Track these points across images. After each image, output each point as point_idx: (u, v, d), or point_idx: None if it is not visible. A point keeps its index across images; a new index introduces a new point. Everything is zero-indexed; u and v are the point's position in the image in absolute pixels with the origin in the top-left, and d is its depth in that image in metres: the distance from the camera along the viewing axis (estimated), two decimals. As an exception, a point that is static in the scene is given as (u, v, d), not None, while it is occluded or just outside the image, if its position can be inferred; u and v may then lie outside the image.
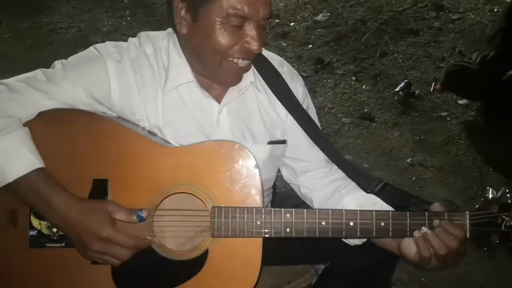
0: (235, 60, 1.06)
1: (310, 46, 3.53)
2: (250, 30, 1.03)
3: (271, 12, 1.06)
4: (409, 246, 1.05)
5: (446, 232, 1.00)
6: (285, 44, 3.53)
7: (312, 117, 1.24)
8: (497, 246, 1.02)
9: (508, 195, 1.01)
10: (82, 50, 1.15)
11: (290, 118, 1.22)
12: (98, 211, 1.00)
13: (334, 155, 1.23)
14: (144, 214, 1.01)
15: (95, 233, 0.98)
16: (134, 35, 1.18)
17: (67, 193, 1.01)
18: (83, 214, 0.99)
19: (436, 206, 1.05)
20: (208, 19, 1.02)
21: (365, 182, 1.19)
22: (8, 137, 0.99)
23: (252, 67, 1.17)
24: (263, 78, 1.19)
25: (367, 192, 1.17)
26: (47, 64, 1.14)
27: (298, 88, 1.23)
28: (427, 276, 2.01)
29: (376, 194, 1.17)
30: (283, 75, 1.20)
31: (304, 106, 1.23)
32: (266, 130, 1.20)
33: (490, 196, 1.02)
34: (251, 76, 1.15)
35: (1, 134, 0.99)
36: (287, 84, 1.19)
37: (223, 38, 1.03)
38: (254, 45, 1.04)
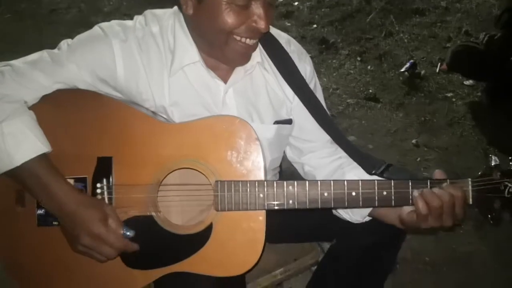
0: (243, 40, 1.04)
1: (314, 26, 3.49)
2: (257, 8, 1.00)
3: None
4: (408, 210, 1.05)
5: (443, 189, 1.00)
6: (288, 24, 3.49)
7: (319, 98, 1.23)
8: (501, 213, 1.01)
9: (510, 162, 1.00)
10: (82, 31, 1.13)
11: (296, 98, 1.21)
12: (95, 207, 1.01)
13: (338, 137, 1.22)
14: (130, 234, 1.02)
15: (88, 228, 0.99)
16: (134, 15, 1.16)
17: (67, 183, 1.02)
18: (80, 206, 1.00)
19: (438, 173, 1.05)
20: (213, 7, 1.00)
21: (368, 164, 1.18)
22: (15, 122, 1.00)
23: (260, 46, 1.15)
24: (270, 58, 1.17)
25: (371, 174, 1.16)
26: (47, 45, 1.13)
27: (306, 67, 1.21)
28: (431, 255, 2.01)
29: (380, 175, 1.16)
30: (291, 54, 1.18)
31: (311, 85, 1.22)
32: (273, 110, 1.19)
33: (493, 164, 1.01)
34: (258, 56, 1.14)
35: (8, 119, 0.99)
36: (294, 64, 1.18)
37: (229, 17, 1.00)
38: (261, 24, 1.01)
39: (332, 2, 3.66)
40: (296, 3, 3.69)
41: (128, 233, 1.01)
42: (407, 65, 3.05)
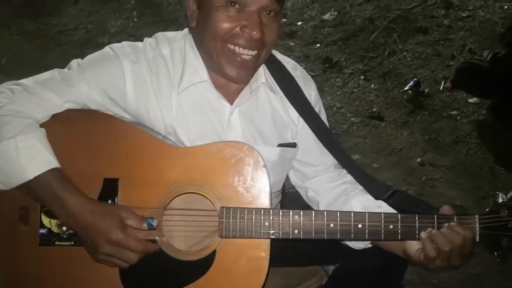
0: (236, 49, 1.05)
1: (318, 45, 3.51)
2: (251, 15, 1.02)
3: (275, 5, 1.04)
4: (414, 246, 1.04)
5: (452, 230, 0.99)
6: (292, 44, 3.51)
7: (324, 120, 1.24)
8: (508, 251, 1.00)
9: None
10: (90, 51, 1.15)
11: (301, 122, 1.22)
12: (110, 214, 1.01)
13: (345, 161, 1.23)
14: (154, 223, 1.01)
15: (106, 236, 0.99)
16: (141, 36, 1.18)
17: (81, 195, 1.02)
18: (95, 216, 1.00)
19: (446, 209, 1.04)
20: (209, 4, 1.04)
21: (375, 189, 1.18)
22: (28, 137, 1.01)
23: (265, 69, 1.17)
24: (276, 81, 1.19)
25: (377, 199, 1.16)
26: (56, 66, 1.15)
27: (311, 92, 1.23)
28: (438, 278, 1.98)
29: (386, 200, 1.16)
30: (297, 79, 1.20)
31: (317, 108, 1.23)
32: (277, 132, 1.19)
33: (500, 200, 1.01)
34: (263, 77, 1.15)
35: (21, 134, 1.00)
36: (300, 88, 1.19)
37: (221, 20, 1.03)
38: (253, 30, 1.02)
39: (335, 22, 3.69)
40: (299, 23, 3.73)
41: (152, 224, 1.01)
42: (411, 83, 3.05)
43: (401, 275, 1.29)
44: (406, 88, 3.05)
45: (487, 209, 1.02)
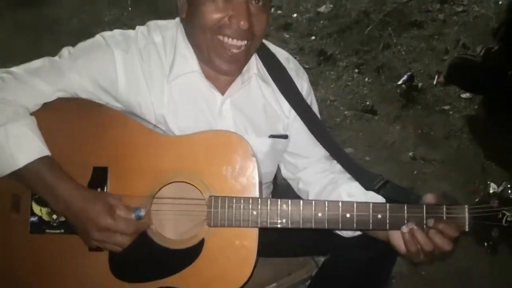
0: (226, 40, 1.05)
1: (313, 37, 3.50)
2: (238, 5, 1.01)
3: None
4: (398, 239, 1.04)
5: (438, 232, 0.99)
6: (287, 36, 3.50)
7: (316, 112, 1.24)
8: (498, 241, 0.99)
9: (509, 190, 0.99)
10: (83, 41, 1.13)
11: (293, 114, 1.21)
12: (99, 201, 1.01)
13: (336, 152, 1.23)
14: (142, 212, 1.02)
15: (95, 222, 0.99)
16: (135, 26, 1.17)
17: (72, 182, 1.02)
18: (86, 203, 1.00)
19: (429, 197, 1.03)
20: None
21: (365, 180, 1.18)
22: (18, 125, 1.00)
23: (257, 59, 1.16)
24: (269, 72, 1.18)
25: (367, 190, 1.16)
26: (49, 55, 1.13)
27: (303, 84, 1.23)
28: (427, 270, 2.00)
29: (377, 191, 1.16)
30: (289, 71, 1.19)
31: (308, 100, 1.23)
32: (269, 124, 1.19)
33: (491, 191, 1.00)
34: (255, 68, 1.15)
35: (11, 122, 1.00)
36: (292, 80, 1.19)
37: (209, 11, 1.02)
38: (240, 19, 1.01)
39: (331, 14, 3.68)
40: (295, 15, 3.71)
41: (140, 214, 1.01)
42: (405, 77, 3.06)
43: (390, 267, 1.31)
44: (399, 82, 3.05)
45: (477, 199, 1.01)
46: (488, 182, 1.03)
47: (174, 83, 1.11)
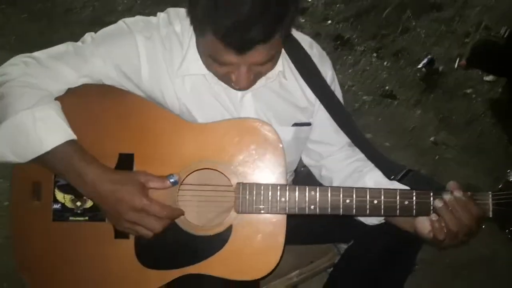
0: (232, 84, 1.02)
1: (329, 22, 3.43)
2: (238, 68, 0.97)
3: (269, 58, 0.97)
4: (424, 224, 1.04)
5: (461, 206, 0.99)
6: (303, 21, 3.44)
7: (340, 99, 1.21)
8: None
9: None
10: (97, 30, 1.11)
11: (318, 102, 1.19)
12: (131, 181, 1.00)
13: (360, 141, 1.21)
14: (175, 178, 1.01)
15: (130, 203, 0.97)
16: (148, 14, 1.15)
17: (99, 165, 1.00)
18: (117, 185, 0.98)
19: (452, 184, 1.04)
20: (203, 47, 1.01)
21: (388, 169, 1.16)
22: (44, 108, 0.99)
23: (283, 51, 1.12)
24: (292, 61, 1.15)
25: (390, 179, 1.15)
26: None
27: (327, 71, 1.20)
28: (451, 257, 1.97)
29: (399, 181, 1.14)
30: (313, 57, 1.16)
31: (332, 87, 1.20)
32: (292, 113, 1.17)
33: (511, 179, 1.02)
34: (280, 65, 1.11)
35: (37, 105, 0.98)
36: (317, 67, 1.16)
37: (211, 67, 1.01)
38: (237, 84, 1.00)
39: (347, -2, 3.61)
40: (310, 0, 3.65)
41: (174, 179, 1.01)
42: (425, 61, 2.99)
43: (414, 255, 1.29)
44: (419, 66, 2.98)
45: (500, 186, 1.03)
46: (508, 171, 1.04)
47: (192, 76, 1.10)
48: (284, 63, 1.13)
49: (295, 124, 1.18)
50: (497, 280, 1.90)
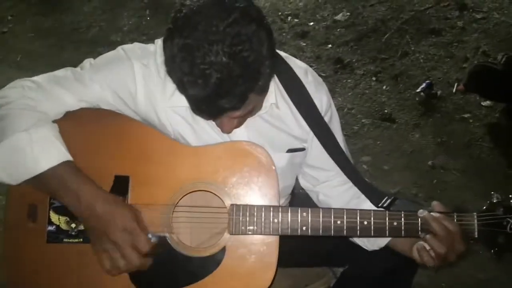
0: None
1: (330, 46, 3.49)
2: (222, 120, 1.00)
3: (247, 112, 0.99)
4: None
5: (436, 222, 1.02)
6: (304, 44, 3.50)
7: (334, 128, 1.23)
8: (504, 248, 1.05)
9: (511, 200, 1.06)
10: (103, 49, 1.16)
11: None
12: (126, 206, 1.02)
13: (350, 171, 1.22)
14: (154, 238, 1.02)
15: (122, 224, 0.98)
16: (153, 35, 1.19)
17: (95, 185, 1.02)
18: (111, 206, 1.00)
19: (436, 205, 1.07)
20: None
21: (376, 197, 1.19)
22: (41, 130, 1.01)
23: (276, 83, 1.14)
24: (286, 91, 1.16)
25: (378, 207, 1.18)
26: (69, 63, 1.15)
27: (322, 97, 1.20)
28: (447, 282, 1.96)
29: (386, 209, 1.17)
30: (307, 85, 1.16)
31: (327, 116, 1.21)
32: (286, 140, 1.18)
33: (495, 200, 1.06)
34: (273, 97, 1.12)
35: (35, 126, 1.00)
36: (310, 97, 1.16)
37: (196, 113, 1.03)
38: (222, 129, 1.03)
39: (348, 22, 3.67)
40: (311, 23, 3.71)
41: (152, 238, 1.02)
42: (423, 85, 3.02)
43: (410, 279, 1.29)
44: (418, 90, 3.01)
45: (484, 207, 1.07)
46: (492, 192, 1.08)
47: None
48: (277, 93, 1.14)
49: (290, 150, 1.19)
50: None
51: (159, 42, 1.16)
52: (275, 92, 1.13)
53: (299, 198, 1.39)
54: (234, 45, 0.86)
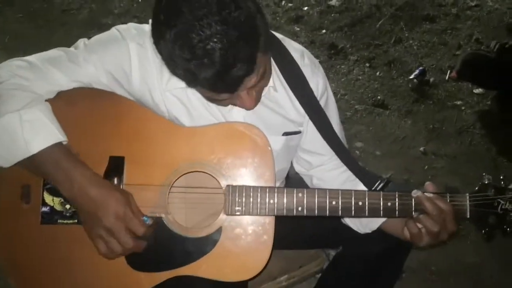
0: (238, 105, 1.04)
1: (324, 31, 3.47)
2: (241, 95, 0.98)
3: (261, 76, 0.97)
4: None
5: (429, 202, 1.03)
6: (298, 29, 3.48)
7: (331, 112, 1.22)
8: (494, 228, 1.07)
9: (502, 181, 1.07)
10: (93, 32, 1.12)
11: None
12: (118, 189, 1.01)
13: (344, 155, 1.23)
14: (149, 221, 1.01)
15: (114, 208, 0.97)
16: (145, 17, 1.16)
17: (88, 168, 1.01)
18: (104, 189, 0.99)
19: (429, 185, 1.08)
20: (198, 91, 1.02)
21: (369, 180, 1.20)
22: (33, 111, 0.99)
23: (274, 67, 1.13)
24: (284, 76, 1.15)
25: (371, 190, 1.18)
26: (59, 46, 1.12)
27: (318, 80, 1.19)
28: (437, 265, 1.99)
29: (379, 191, 1.17)
30: (304, 68, 1.16)
31: (323, 99, 1.21)
32: (282, 123, 1.18)
33: (486, 182, 1.07)
34: (270, 81, 1.11)
35: (25, 107, 0.98)
36: (306, 80, 1.16)
37: (214, 103, 1.03)
38: (245, 106, 1.01)
39: (342, 8, 3.65)
40: (305, 8, 3.69)
41: (147, 220, 1.01)
42: (416, 72, 3.03)
43: (402, 261, 1.31)
44: (411, 77, 3.03)
45: (476, 188, 1.08)
46: (484, 174, 1.09)
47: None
48: (274, 77, 1.13)
49: (286, 133, 1.19)
50: (483, 288, 1.92)
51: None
52: (273, 75, 1.12)
53: (293, 182, 1.39)
54: (221, 10, 0.84)
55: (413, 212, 1.06)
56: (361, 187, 1.20)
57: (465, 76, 2.83)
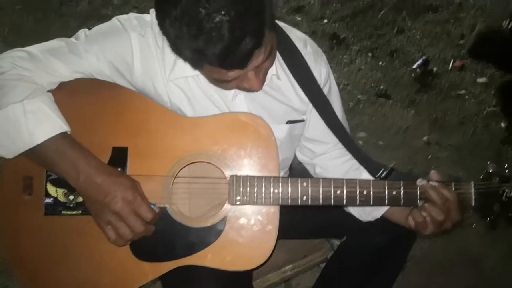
0: (246, 88, 1.02)
1: (325, 21, 3.45)
2: (248, 75, 0.96)
3: (268, 53, 0.95)
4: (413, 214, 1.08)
5: (434, 190, 1.03)
6: (299, 19, 3.46)
7: (334, 100, 1.22)
8: (499, 216, 1.07)
9: (507, 170, 1.08)
10: (92, 23, 1.11)
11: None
12: (125, 176, 1.00)
13: (348, 142, 1.22)
14: (155, 208, 1.01)
15: (122, 193, 0.96)
16: (144, 8, 1.15)
17: (93, 157, 1.00)
18: (112, 176, 0.98)
19: (433, 174, 1.08)
20: (205, 74, 1.01)
21: (373, 169, 1.20)
22: (35, 101, 0.98)
23: (277, 54, 1.11)
24: (287, 64, 1.14)
25: (375, 178, 1.18)
26: (58, 37, 1.11)
27: (321, 69, 1.18)
28: (441, 256, 1.99)
29: (385, 178, 1.17)
30: (307, 57, 1.15)
31: (326, 88, 1.20)
32: (285, 112, 1.18)
33: (491, 170, 1.07)
34: (274, 69, 1.10)
35: (28, 98, 0.97)
36: (309, 69, 1.15)
37: (220, 86, 1.02)
38: (252, 89, 1.00)
39: (343, -3, 3.63)
40: (307, -2, 3.67)
41: (154, 207, 1.01)
42: (419, 62, 3.01)
43: (407, 251, 1.31)
44: (414, 67, 3.01)
45: (481, 177, 1.09)
46: (488, 162, 1.09)
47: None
48: (277, 65, 1.13)
49: (289, 122, 1.18)
50: (485, 279, 1.92)
51: (155, 12, 1.13)
52: (276, 63, 1.11)
53: (296, 172, 1.39)
54: None
55: (418, 201, 1.05)
56: (364, 176, 1.20)
57: (476, 53, 2.79)
